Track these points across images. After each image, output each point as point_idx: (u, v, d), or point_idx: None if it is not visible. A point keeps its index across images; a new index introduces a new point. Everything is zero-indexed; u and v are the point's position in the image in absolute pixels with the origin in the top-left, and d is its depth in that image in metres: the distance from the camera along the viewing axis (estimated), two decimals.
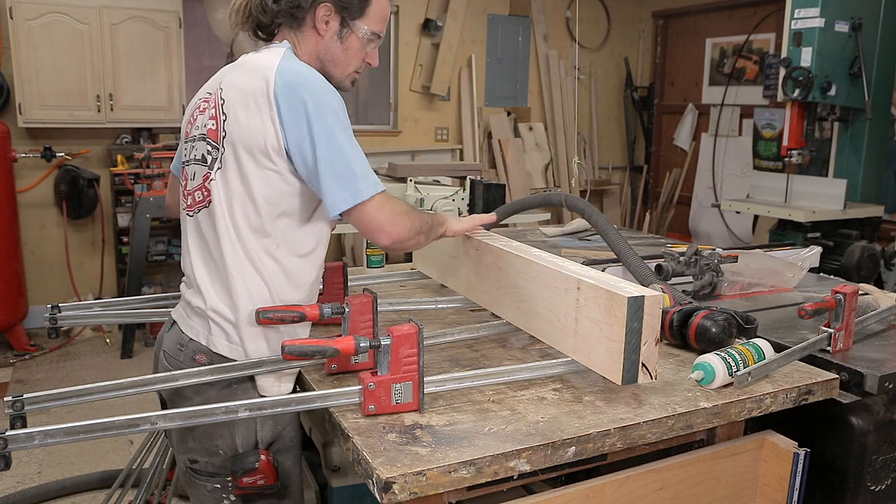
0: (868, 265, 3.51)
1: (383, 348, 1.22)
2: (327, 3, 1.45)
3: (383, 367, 1.23)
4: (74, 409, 3.89)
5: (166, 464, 2.39)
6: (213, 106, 1.44)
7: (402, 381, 1.24)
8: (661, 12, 6.98)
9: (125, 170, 4.92)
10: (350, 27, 1.48)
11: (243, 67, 1.45)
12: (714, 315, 1.54)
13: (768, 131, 5.96)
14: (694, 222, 6.68)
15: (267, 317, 1.36)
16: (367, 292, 1.47)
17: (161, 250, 5.38)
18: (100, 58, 4.84)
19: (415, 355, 1.23)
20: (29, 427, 1.10)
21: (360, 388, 1.23)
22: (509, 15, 6.50)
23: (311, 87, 1.35)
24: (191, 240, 1.50)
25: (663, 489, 1.32)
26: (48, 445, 1.07)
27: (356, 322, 1.45)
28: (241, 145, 1.37)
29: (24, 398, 1.21)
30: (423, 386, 1.25)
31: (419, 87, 6.25)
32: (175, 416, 1.14)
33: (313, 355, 1.26)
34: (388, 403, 1.23)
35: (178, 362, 1.46)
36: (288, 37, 1.49)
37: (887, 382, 1.46)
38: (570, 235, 2.93)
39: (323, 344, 1.24)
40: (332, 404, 1.25)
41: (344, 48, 1.49)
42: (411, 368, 1.24)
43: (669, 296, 1.68)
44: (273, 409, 1.21)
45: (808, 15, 3.74)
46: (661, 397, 1.34)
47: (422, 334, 1.23)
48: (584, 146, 6.90)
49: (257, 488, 1.36)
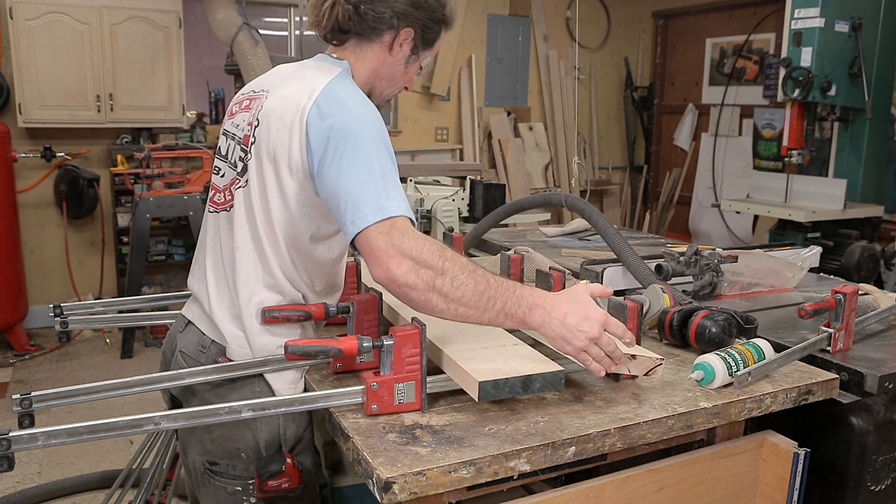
0: (868, 265, 3.51)
1: (386, 348, 1.23)
2: (413, 29, 1.43)
3: (386, 366, 1.23)
4: (74, 408, 3.88)
5: (166, 464, 2.40)
6: (255, 108, 1.42)
7: (404, 380, 1.23)
8: (661, 12, 6.98)
9: (125, 170, 4.92)
10: (418, 55, 1.48)
11: (295, 77, 1.42)
12: (714, 315, 1.54)
13: (768, 131, 5.96)
14: (694, 222, 6.68)
15: (273, 315, 1.35)
16: (372, 291, 1.47)
17: (161, 250, 5.39)
18: (100, 58, 4.84)
19: (417, 355, 1.23)
20: (35, 426, 1.10)
21: (363, 387, 1.23)
22: (509, 15, 6.50)
23: (347, 118, 1.30)
24: (209, 237, 1.49)
25: (663, 489, 1.32)
26: (52, 446, 1.07)
27: (361, 321, 1.45)
28: (266, 156, 1.35)
29: (32, 396, 1.21)
30: (426, 386, 1.25)
31: (419, 86, 6.26)
32: (179, 417, 1.14)
33: (317, 355, 1.26)
34: (390, 403, 1.23)
35: (198, 364, 1.43)
36: (354, 49, 1.45)
37: (887, 382, 1.46)
38: (570, 235, 2.93)
39: (326, 344, 1.25)
40: (335, 404, 1.25)
41: (404, 72, 1.49)
42: (414, 368, 1.24)
43: (670, 296, 1.68)
44: (276, 409, 1.21)
45: (808, 15, 3.74)
46: (661, 397, 1.34)
47: (424, 334, 1.24)
48: (584, 146, 6.90)
49: (282, 491, 1.34)
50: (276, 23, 6.08)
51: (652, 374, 1.34)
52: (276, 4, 5.92)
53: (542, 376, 1.23)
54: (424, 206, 3.57)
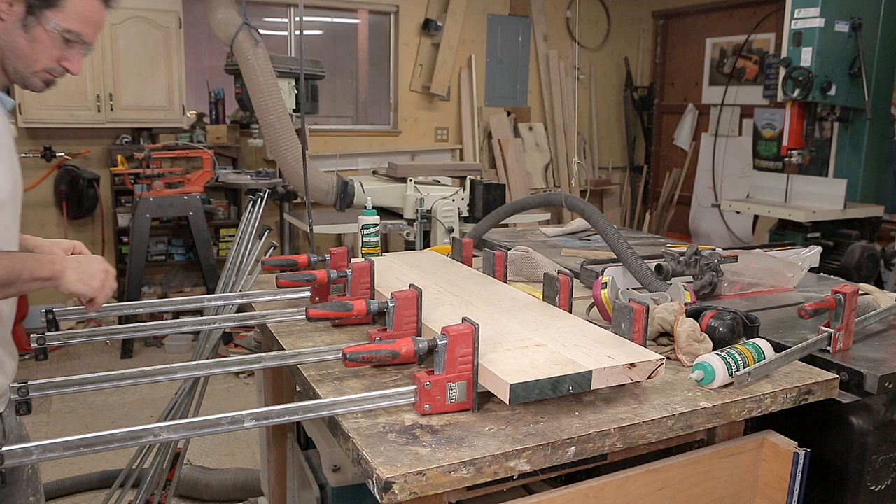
0: (868, 265, 3.51)
1: (440, 347, 1.23)
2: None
3: (439, 366, 1.23)
4: (74, 408, 3.89)
5: (166, 464, 2.40)
6: None
7: (457, 380, 1.23)
8: (661, 12, 6.98)
9: (125, 170, 4.93)
10: (37, 16, 1.30)
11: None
12: (722, 315, 1.54)
13: (768, 131, 5.96)
14: (694, 222, 6.68)
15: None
16: (412, 287, 1.47)
17: (161, 250, 5.39)
18: (100, 58, 4.84)
19: (470, 354, 1.23)
20: (30, 435, 1.09)
21: (416, 387, 1.23)
22: (509, 15, 6.50)
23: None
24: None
25: (663, 489, 1.32)
26: (47, 460, 1.04)
27: (401, 317, 1.45)
28: None
29: (28, 384, 1.21)
30: (477, 386, 1.25)
31: (419, 87, 6.26)
32: (179, 428, 1.12)
33: (374, 359, 1.26)
34: (442, 402, 1.23)
35: None
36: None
37: (887, 382, 1.46)
38: (570, 235, 2.93)
39: (384, 348, 1.25)
40: (387, 405, 1.24)
41: (29, 39, 1.32)
42: (466, 368, 1.23)
43: (691, 292, 1.71)
44: (306, 414, 1.18)
45: (808, 15, 3.74)
46: (661, 397, 1.34)
47: (478, 333, 1.23)
48: (584, 146, 6.91)
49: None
50: (276, 23, 6.09)
51: (654, 375, 1.34)
52: (276, 4, 5.93)
53: (571, 377, 1.23)
54: (424, 206, 3.57)
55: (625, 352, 1.32)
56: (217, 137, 5.61)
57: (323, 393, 1.32)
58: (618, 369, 1.27)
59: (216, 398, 4.05)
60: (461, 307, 1.60)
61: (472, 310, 1.58)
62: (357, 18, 6.40)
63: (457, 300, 1.65)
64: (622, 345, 1.37)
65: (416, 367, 1.43)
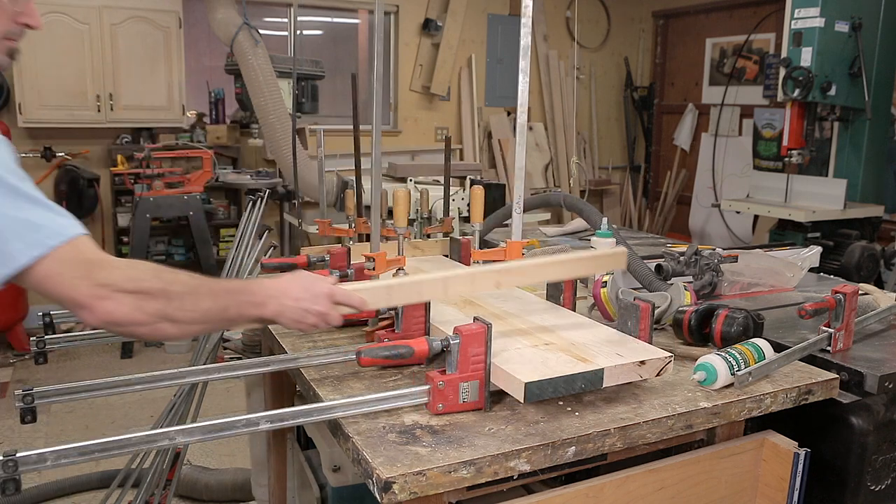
0: (868, 265, 3.51)
1: (452, 347, 1.23)
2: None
3: (452, 365, 1.23)
4: (74, 408, 3.89)
5: (166, 464, 2.40)
6: None
7: (469, 379, 1.23)
8: (661, 12, 6.98)
9: (125, 170, 4.93)
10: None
11: None
12: (734, 314, 1.55)
13: (768, 131, 5.96)
14: (694, 222, 6.68)
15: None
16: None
17: (161, 250, 5.39)
18: (100, 58, 4.84)
19: (482, 354, 1.23)
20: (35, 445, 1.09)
21: (429, 387, 1.23)
22: (509, 15, 6.50)
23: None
24: None
25: (663, 489, 1.32)
26: (61, 466, 1.00)
27: (410, 318, 1.44)
28: None
29: (34, 392, 1.19)
30: (489, 385, 1.25)
31: (419, 86, 6.26)
32: (195, 431, 1.10)
33: (390, 359, 1.26)
34: (455, 402, 1.23)
35: None
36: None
37: (887, 382, 1.46)
38: (570, 235, 2.93)
39: (401, 346, 1.25)
40: (400, 405, 1.24)
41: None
42: (478, 367, 1.23)
43: (692, 292, 1.71)
44: (320, 415, 1.18)
45: (808, 15, 3.74)
46: (661, 397, 1.34)
47: (490, 333, 1.23)
48: (583, 146, 6.91)
49: None
50: (276, 23, 6.09)
51: (663, 372, 1.34)
52: (276, 4, 5.92)
53: (584, 375, 1.23)
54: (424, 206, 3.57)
55: (633, 349, 1.33)
56: (217, 137, 5.61)
57: (323, 393, 1.32)
58: (628, 367, 1.27)
59: (216, 398, 4.04)
60: (466, 307, 1.60)
61: (477, 309, 1.58)
62: (357, 18, 6.40)
63: (461, 300, 1.65)
64: (630, 342, 1.37)
65: (415, 367, 1.43)
